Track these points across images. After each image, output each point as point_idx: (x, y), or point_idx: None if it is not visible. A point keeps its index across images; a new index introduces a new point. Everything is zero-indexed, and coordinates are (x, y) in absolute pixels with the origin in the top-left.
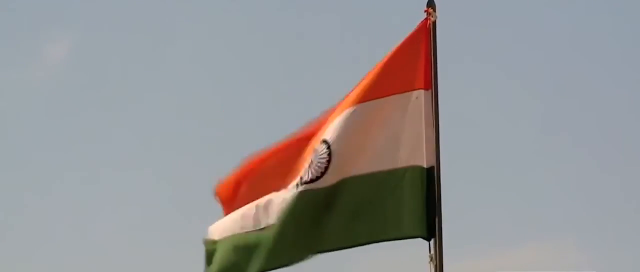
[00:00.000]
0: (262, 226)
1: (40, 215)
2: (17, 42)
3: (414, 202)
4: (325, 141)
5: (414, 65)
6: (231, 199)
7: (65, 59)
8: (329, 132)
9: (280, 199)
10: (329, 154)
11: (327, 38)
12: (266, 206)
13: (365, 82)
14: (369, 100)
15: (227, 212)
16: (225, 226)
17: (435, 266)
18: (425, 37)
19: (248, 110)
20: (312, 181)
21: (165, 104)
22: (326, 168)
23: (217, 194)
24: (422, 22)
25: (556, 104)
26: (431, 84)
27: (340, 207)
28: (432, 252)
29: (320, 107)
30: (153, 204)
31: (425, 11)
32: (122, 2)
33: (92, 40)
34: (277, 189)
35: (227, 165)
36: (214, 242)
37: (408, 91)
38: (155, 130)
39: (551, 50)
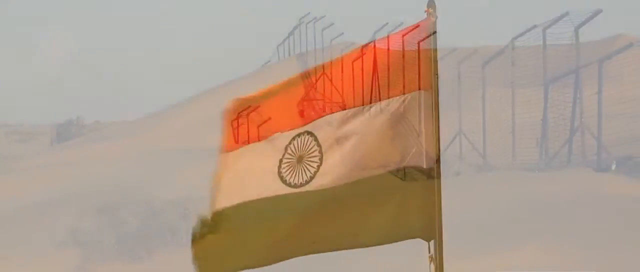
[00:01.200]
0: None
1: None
2: (17, 42)
3: (412, 203)
4: (311, 134)
5: (413, 66)
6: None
7: (65, 59)
8: (317, 127)
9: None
10: (320, 159)
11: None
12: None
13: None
14: (365, 104)
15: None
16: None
17: (436, 266)
18: (424, 38)
19: None
20: (301, 184)
21: (164, 103)
22: (315, 172)
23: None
24: (421, 22)
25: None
26: (430, 84)
27: (339, 211)
28: (432, 252)
29: None
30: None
31: (425, 11)
32: (122, 2)
33: (92, 40)
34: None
35: None
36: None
37: (406, 93)
38: (154, 128)
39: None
